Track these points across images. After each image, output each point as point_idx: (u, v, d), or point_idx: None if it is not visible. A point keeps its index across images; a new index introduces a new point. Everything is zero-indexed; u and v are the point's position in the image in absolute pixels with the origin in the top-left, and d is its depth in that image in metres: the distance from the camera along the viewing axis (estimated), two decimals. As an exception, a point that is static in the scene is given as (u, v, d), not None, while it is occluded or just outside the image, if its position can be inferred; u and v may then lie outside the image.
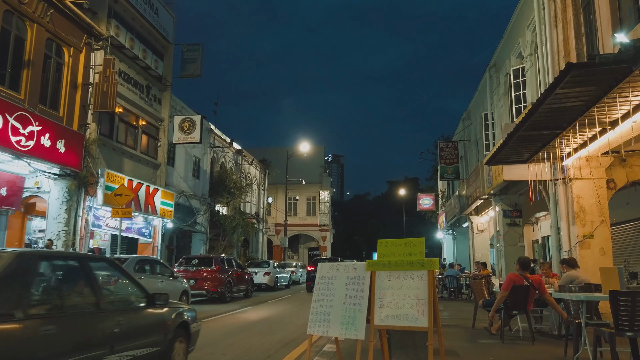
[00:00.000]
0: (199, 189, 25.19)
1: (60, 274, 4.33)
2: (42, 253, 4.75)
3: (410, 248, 4.90)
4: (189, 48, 21.19)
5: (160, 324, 5.11)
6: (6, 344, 3.06)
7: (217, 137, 27.72)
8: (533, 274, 7.47)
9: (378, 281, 4.95)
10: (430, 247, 65.41)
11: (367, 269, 5.06)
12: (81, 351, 3.75)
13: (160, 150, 20.41)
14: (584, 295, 5.51)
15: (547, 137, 8.11)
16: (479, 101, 20.28)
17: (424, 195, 35.81)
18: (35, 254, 4.13)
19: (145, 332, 4.82)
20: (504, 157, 9.60)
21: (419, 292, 4.69)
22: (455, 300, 16.13)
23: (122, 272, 5.17)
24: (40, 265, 3.93)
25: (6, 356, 3.00)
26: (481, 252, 21.44)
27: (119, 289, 5.17)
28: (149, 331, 4.89)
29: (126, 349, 4.33)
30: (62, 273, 4.36)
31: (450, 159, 22.22)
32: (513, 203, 15.74)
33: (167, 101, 20.82)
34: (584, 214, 9.57)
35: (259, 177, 37.30)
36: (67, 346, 3.63)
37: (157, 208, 18.74)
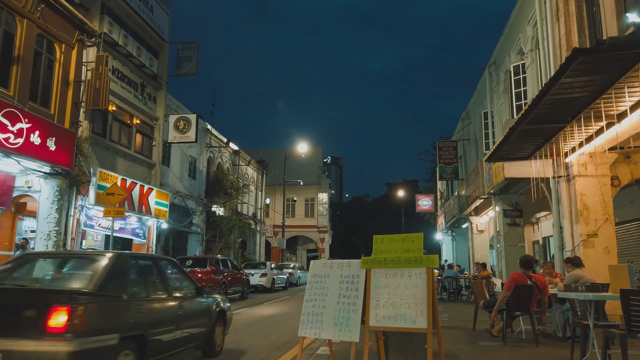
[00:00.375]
0: (195, 189, 24.88)
1: (143, 269, 5.51)
2: (131, 254, 5.87)
3: (408, 244, 4.60)
4: (185, 46, 20.91)
5: (207, 310, 6.40)
6: (119, 314, 4.55)
7: (214, 137, 27.42)
8: (535, 274, 7.18)
9: (374, 279, 4.65)
10: (429, 248, 65.16)
11: (362, 267, 4.76)
12: (160, 325, 5.12)
13: (155, 150, 20.09)
14: (593, 294, 5.21)
15: (550, 132, 7.82)
16: (479, 100, 20.01)
17: (422, 196, 35.53)
18: (127, 255, 5.38)
19: (197, 316, 6.07)
20: (504, 154, 9.31)
21: (417, 291, 4.39)
22: (454, 301, 15.83)
23: (179, 269, 6.54)
24: (130, 263, 5.21)
25: (119, 323, 4.48)
26: (481, 253, 21.15)
27: (178, 282, 6.21)
28: (200, 315, 6.16)
29: (186, 327, 5.65)
30: (144, 269, 5.55)
31: (449, 159, 21.94)
32: (513, 202, 15.46)
33: (162, 100, 20.51)
34: (587, 212, 9.28)
35: (257, 178, 37.00)
36: (151, 321, 4.99)
37: (151, 208, 18.42)
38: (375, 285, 4.61)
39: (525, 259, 6.79)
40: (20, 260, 5.57)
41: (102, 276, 4.55)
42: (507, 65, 14.86)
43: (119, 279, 4.77)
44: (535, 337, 6.91)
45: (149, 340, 4.80)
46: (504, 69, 15.69)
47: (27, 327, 3.93)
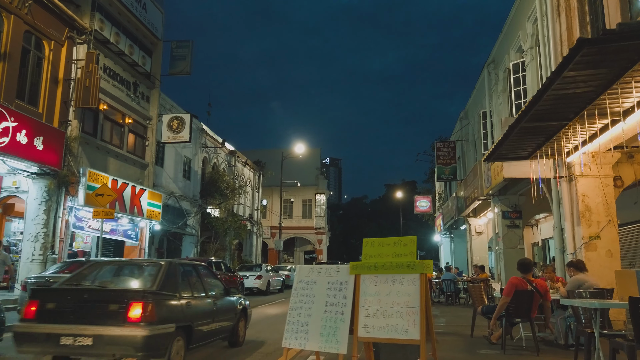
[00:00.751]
0: (189, 190, 24.53)
1: (187, 273, 6.60)
2: (179, 262, 6.86)
3: (400, 248, 4.26)
4: (179, 45, 20.58)
5: (233, 307, 7.51)
6: (174, 309, 5.65)
7: (209, 138, 27.08)
8: (536, 279, 6.83)
9: (363, 286, 4.31)
10: (427, 250, 64.79)
11: (351, 272, 4.42)
12: (201, 318, 6.21)
13: (148, 150, 19.75)
14: (599, 302, 4.88)
15: (552, 130, 7.49)
16: (477, 99, 19.70)
17: (421, 197, 35.19)
18: (176, 262, 6.59)
19: (226, 312, 7.14)
20: (504, 153, 8.97)
21: (409, 299, 4.05)
22: (452, 305, 15.48)
23: (212, 273, 7.91)
24: (179, 268, 6.36)
25: (175, 315, 5.57)
26: (479, 255, 20.81)
27: (212, 283, 7.33)
28: (228, 311, 7.24)
29: (218, 321, 6.76)
30: (188, 273, 6.64)
31: (447, 159, 21.61)
32: (513, 204, 15.11)
33: (155, 99, 20.17)
34: (589, 213, 8.95)
35: (253, 179, 36.65)
36: (195, 314, 6.08)
37: (143, 209, 18.07)
38: (364, 292, 4.27)
39: (523, 263, 6.43)
40: (91, 266, 6.60)
41: (161, 279, 5.71)
42: (506, 63, 14.55)
43: (173, 281, 5.95)
44: (536, 345, 6.57)
45: (194, 330, 5.95)
46: (503, 67, 15.37)
47: (112, 318, 5.07)
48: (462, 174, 21.91)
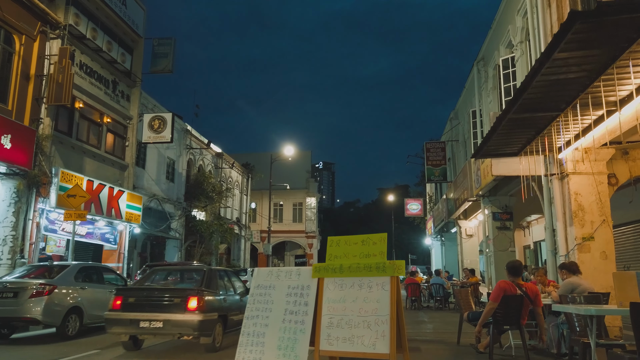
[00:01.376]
0: (173, 192, 23.85)
1: (221, 275, 8.77)
2: (216, 268, 8.97)
3: (369, 247, 3.71)
4: (161, 42, 19.98)
5: None
6: (216, 302, 7.74)
7: (194, 139, 26.44)
8: (526, 283, 6.29)
9: (327, 291, 3.74)
10: (419, 254, 64.35)
11: (313, 276, 3.86)
12: (232, 310, 8.23)
13: (129, 150, 19.08)
14: (595, 308, 4.34)
15: (542, 122, 6.98)
16: (467, 99, 19.26)
17: (411, 200, 34.73)
18: (214, 268, 8.90)
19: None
20: (492, 149, 8.46)
21: (378, 306, 3.49)
22: (441, 310, 14.94)
23: (237, 275, 10.19)
24: (216, 272, 8.59)
25: (217, 307, 7.69)
26: (470, 259, 20.33)
27: (238, 283, 9.45)
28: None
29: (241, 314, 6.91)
30: (222, 275, 8.85)
31: (437, 160, 21.13)
32: (503, 205, 14.65)
33: (136, 98, 19.53)
34: (582, 213, 8.46)
35: (242, 181, 36.01)
36: (229, 307, 8.19)
37: (122, 212, 17.38)
38: (328, 298, 3.70)
39: (512, 265, 5.89)
40: (152, 271, 9.10)
41: (206, 280, 7.89)
42: (495, 60, 14.10)
43: (213, 281, 8.05)
44: (526, 354, 6.02)
45: (228, 318, 8.04)
46: (492, 64, 14.92)
47: (175, 308, 7.12)
48: (453, 176, 21.46)
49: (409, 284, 15.75)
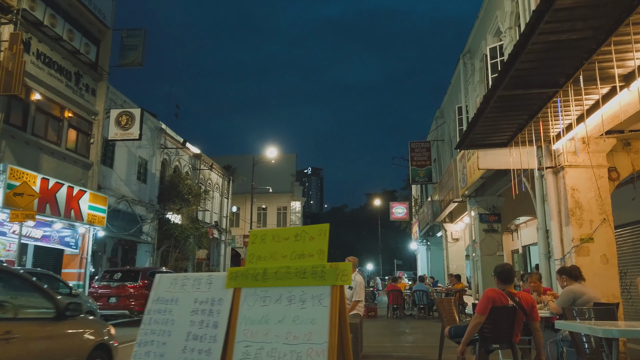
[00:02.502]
0: (145, 194, 22.57)
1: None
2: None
3: (304, 245, 2.62)
4: (130, 34, 18.80)
5: None
6: None
7: (169, 138, 25.19)
8: (519, 292, 5.23)
9: (244, 308, 2.64)
10: (405, 259, 63.44)
11: (228, 285, 2.75)
12: None
13: (94, 148, 17.81)
14: (618, 329, 3.29)
15: (537, 102, 5.98)
16: (453, 96, 18.35)
17: (397, 203, 33.76)
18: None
19: None
20: (479, 137, 7.45)
21: (313, 330, 2.40)
22: (425, 319, 13.90)
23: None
24: None
25: None
26: (456, 264, 19.35)
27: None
28: None
29: None
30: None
31: (422, 161, 20.17)
32: (491, 206, 13.68)
33: (103, 92, 18.29)
34: (580, 211, 7.47)
35: (222, 184, 34.76)
36: None
37: (83, 213, 16.10)
38: (245, 318, 2.60)
39: (503, 270, 4.83)
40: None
41: None
42: (483, 50, 13.18)
43: None
44: (519, 377, 4.98)
45: None
46: (479, 55, 14.01)
47: None
48: (438, 177, 20.49)
49: (391, 291, 14.69)
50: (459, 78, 16.19)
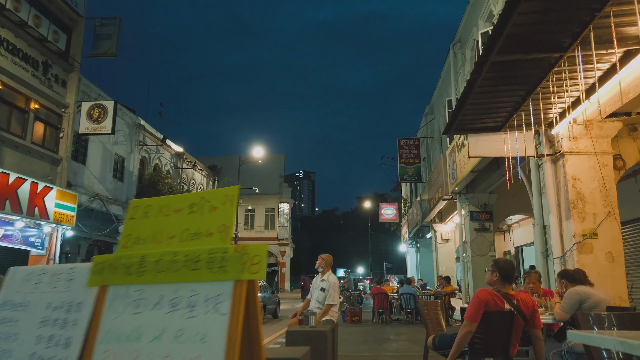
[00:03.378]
0: (122, 192, 21.53)
1: None
2: None
3: (202, 219, 1.73)
4: (104, 22, 17.81)
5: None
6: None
7: (149, 135, 24.18)
8: (518, 293, 4.35)
9: (108, 317, 1.72)
10: (395, 262, 62.64)
11: (90, 283, 1.83)
12: None
13: (63, 142, 16.78)
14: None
15: (536, 73, 5.15)
16: (443, 90, 17.57)
17: (386, 204, 32.92)
18: None
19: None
20: (469, 119, 6.61)
21: (204, 351, 1.49)
22: (412, 324, 13.02)
23: None
24: None
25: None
26: (446, 265, 18.53)
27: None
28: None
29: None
30: None
31: (411, 159, 19.35)
32: (482, 203, 12.87)
33: (74, 84, 17.27)
34: (582, 203, 6.64)
35: (207, 184, 33.73)
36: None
37: (48, 211, 15.05)
38: (108, 332, 1.68)
39: (507, 266, 3.94)
40: None
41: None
42: (474, 36, 12.40)
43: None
44: (516, 396, 4.11)
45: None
46: (470, 43, 13.23)
47: None
48: (427, 175, 19.68)
49: (376, 294, 13.79)
50: (449, 70, 15.40)
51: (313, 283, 6.25)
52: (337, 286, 5.98)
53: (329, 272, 6.12)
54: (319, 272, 6.20)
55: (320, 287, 6.03)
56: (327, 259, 6.18)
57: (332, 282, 5.95)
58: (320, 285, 6.05)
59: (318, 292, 6.02)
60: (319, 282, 6.12)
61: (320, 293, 6.00)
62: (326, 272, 6.12)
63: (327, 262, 6.17)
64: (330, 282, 5.96)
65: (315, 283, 6.18)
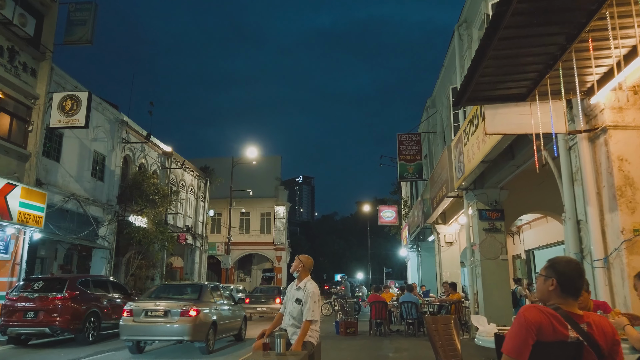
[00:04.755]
0: (102, 193, 20.10)
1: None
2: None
3: None
4: (78, 7, 16.47)
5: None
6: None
7: (133, 132, 22.77)
8: (589, 313, 2.92)
9: None
10: (395, 267, 61.06)
11: None
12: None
13: (32, 137, 15.40)
14: None
15: (567, 31, 3.74)
16: (446, 79, 16.19)
17: (385, 207, 31.48)
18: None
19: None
20: (487, 84, 5.20)
21: None
22: (414, 336, 11.56)
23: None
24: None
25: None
26: (450, 271, 17.08)
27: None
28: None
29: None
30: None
31: (411, 155, 17.94)
32: (492, 200, 11.45)
33: (45, 73, 15.92)
34: (632, 190, 5.24)
35: (198, 186, 32.31)
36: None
37: (12, 211, 13.63)
38: None
39: (567, 268, 2.50)
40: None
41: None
42: (483, 11, 11.02)
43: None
44: None
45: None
46: (477, 22, 11.86)
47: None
48: (429, 173, 18.27)
49: (373, 302, 12.29)
50: (454, 55, 14.02)
51: (287, 292, 4.83)
52: (317, 296, 4.56)
53: (308, 279, 4.70)
54: (295, 277, 4.79)
55: (296, 297, 4.61)
56: (306, 261, 4.76)
57: (310, 291, 4.54)
58: (295, 295, 4.63)
59: (292, 305, 4.61)
60: (293, 290, 4.70)
61: (295, 306, 4.58)
62: (304, 277, 4.70)
63: (306, 265, 4.75)
64: (308, 291, 4.54)
65: (289, 292, 4.77)
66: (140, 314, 9.31)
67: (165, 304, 9.42)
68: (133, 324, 9.25)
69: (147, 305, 9.46)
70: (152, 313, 9.33)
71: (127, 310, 9.45)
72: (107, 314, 11.87)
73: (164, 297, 10.08)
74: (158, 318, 9.26)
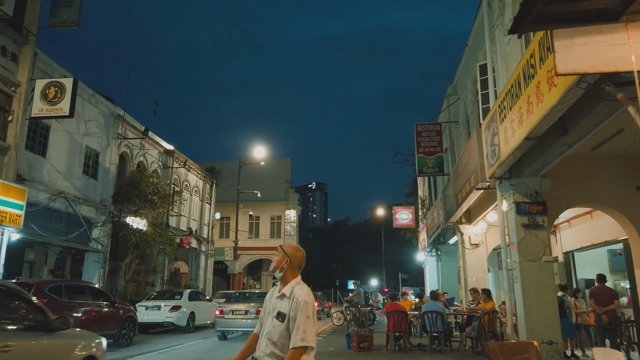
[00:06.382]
0: (95, 192, 18.64)
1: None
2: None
3: None
4: (64, -13, 15.06)
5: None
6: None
7: (130, 128, 21.34)
8: None
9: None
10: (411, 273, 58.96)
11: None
12: None
13: (12, 128, 13.97)
14: None
15: None
16: (470, 61, 14.43)
17: (401, 208, 29.62)
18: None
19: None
20: None
21: None
22: (440, 352, 9.74)
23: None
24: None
25: None
26: (476, 276, 15.20)
27: None
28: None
29: None
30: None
31: (431, 147, 16.15)
32: (532, 191, 9.64)
33: (27, 59, 14.53)
34: None
35: (203, 187, 30.83)
36: None
37: (-17, 208, 12.17)
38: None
39: None
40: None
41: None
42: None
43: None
44: None
45: None
46: (512, -18, 10.10)
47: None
48: (451, 167, 16.46)
49: (392, 312, 10.48)
50: (481, 29, 12.28)
51: (265, 303, 3.12)
52: (311, 308, 2.83)
53: (296, 281, 2.97)
54: (276, 280, 3.08)
55: (278, 310, 2.90)
56: (294, 253, 3.03)
57: (300, 301, 2.81)
58: (277, 307, 2.93)
59: (272, 321, 2.89)
60: (274, 299, 2.99)
61: (276, 323, 2.86)
62: (290, 279, 2.97)
63: (294, 260, 3.01)
64: (297, 301, 2.82)
65: (267, 303, 3.07)
66: (229, 313, 13.14)
67: (244, 306, 13.23)
68: (224, 319, 13.13)
69: (232, 307, 13.31)
70: (236, 312, 13.12)
71: (219, 310, 13.49)
72: (82, 323, 10.26)
73: (242, 301, 13.85)
74: (240, 315, 13.02)
